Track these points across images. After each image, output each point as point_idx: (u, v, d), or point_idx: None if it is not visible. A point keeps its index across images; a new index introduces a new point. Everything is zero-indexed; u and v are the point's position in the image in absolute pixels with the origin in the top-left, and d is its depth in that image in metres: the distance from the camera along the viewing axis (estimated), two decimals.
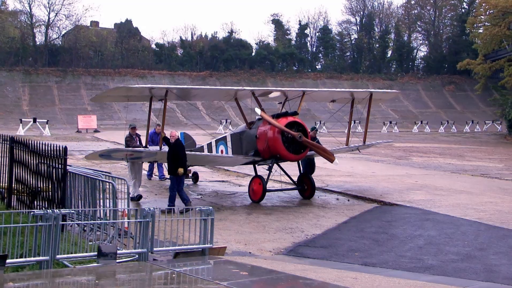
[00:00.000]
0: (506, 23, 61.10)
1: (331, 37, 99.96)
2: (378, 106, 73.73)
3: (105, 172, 14.24)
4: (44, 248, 9.60)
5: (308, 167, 20.95)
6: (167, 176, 22.24)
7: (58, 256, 9.78)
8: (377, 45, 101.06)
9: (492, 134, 66.63)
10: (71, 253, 10.09)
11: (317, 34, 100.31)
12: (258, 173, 19.43)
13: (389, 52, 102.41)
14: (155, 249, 10.94)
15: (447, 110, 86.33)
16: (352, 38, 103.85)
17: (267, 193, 18.60)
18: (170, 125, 63.28)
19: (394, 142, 32.00)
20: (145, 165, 22.81)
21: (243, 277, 9.71)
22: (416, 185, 22.56)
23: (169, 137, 17.18)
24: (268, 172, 19.11)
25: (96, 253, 10.03)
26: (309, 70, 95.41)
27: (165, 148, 18.19)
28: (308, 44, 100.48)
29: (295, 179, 19.92)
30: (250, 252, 12.68)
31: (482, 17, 70.10)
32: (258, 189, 18.47)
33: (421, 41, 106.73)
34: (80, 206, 13.28)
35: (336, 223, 15.87)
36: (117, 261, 10.18)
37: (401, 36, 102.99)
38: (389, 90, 28.69)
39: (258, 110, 18.77)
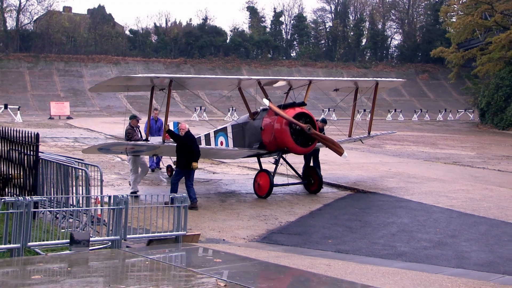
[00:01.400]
0: (478, 12, 61.47)
1: (306, 25, 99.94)
2: (352, 94, 73.89)
3: (78, 159, 14.11)
4: (15, 236, 9.51)
5: (315, 160, 20.19)
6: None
7: (29, 244, 9.70)
8: (352, 33, 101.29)
9: (465, 123, 67.30)
10: (43, 241, 10.01)
11: (292, 21, 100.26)
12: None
13: (364, 40, 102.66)
14: (128, 236, 10.89)
15: (421, 98, 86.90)
16: (326, 26, 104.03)
17: (243, 180, 18.34)
18: (143, 112, 62.96)
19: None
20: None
21: (217, 264, 9.71)
22: (389, 172, 22.72)
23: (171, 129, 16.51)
24: (272, 165, 18.31)
25: (68, 240, 9.96)
26: (284, 57, 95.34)
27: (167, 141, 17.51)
28: (283, 31, 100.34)
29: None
30: (224, 239, 12.68)
31: (455, 6, 70.44)
32: (264, 184, 17.35)
33: (395, 30, 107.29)
34: (52, 193, 13.16)
35: (310, 210, 15.93)
36: (90, 248, 10.12)
37: (376, 24, 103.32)
38: (394, 79, 27.99)
39: (266, 101, 17.66)
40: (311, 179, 18.59)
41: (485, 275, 10.24)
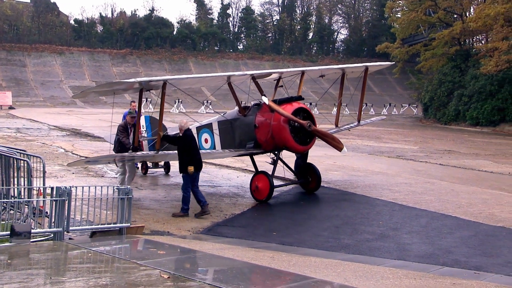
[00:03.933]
0: (422, 8, 62.53)
1: (253, 18, 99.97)
2: (297, 87, 74.22)
3: (20, 149, 13.85)
4: None
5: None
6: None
7: None
8: (299, 27, 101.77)
9: (408, 117, 68.40)
10: None
11: (239, 14, 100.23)
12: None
13: (310, 34, 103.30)
14: (71, 228, 10.77)
15: (366, 92, 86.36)
16: (274, 20, 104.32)
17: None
18: (88, 103, 62.18)
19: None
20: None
21: (160, 256, 9.68)
22: (334, 166, 22.96)
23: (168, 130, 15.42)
24: (267, 166, 17.53)
25: (9, 232, 9.79)
26: (231, 50, 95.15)
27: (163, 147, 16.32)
28: (230, 24, 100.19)
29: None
30: (168, 232, 12.64)
31: (400, 2, 71.47)
32: (264, 186, 15.95)
33: (341, 24, 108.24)
34: None
35: (255, 203, 15.98)
36: (31, 240, 9.98)
37: (322, 18, 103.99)
38: (383, 62, 27.54)
39: (265, 99, 16.21)
40: (309, 177, 17.55)
41: (425, 266, 10.46)
